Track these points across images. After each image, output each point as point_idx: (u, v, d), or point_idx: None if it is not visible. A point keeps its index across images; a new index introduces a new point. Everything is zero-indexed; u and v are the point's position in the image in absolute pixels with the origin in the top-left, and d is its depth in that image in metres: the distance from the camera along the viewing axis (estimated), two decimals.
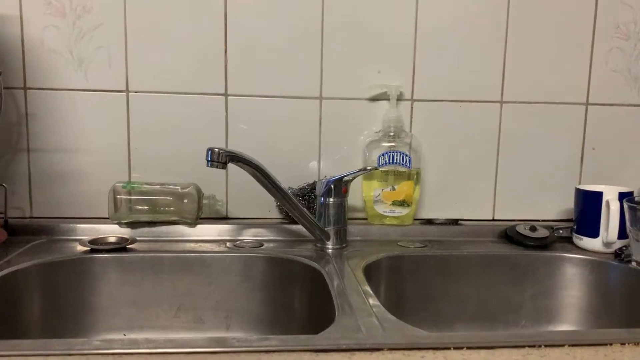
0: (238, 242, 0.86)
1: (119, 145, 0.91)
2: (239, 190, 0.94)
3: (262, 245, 0.85)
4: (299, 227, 0.88)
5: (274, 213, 0.95)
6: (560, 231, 0.93)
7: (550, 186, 1.00)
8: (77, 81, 0.89)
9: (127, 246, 0.80)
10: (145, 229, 0.86)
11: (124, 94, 0.90)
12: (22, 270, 0.71)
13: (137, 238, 0.84)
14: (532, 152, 0.98)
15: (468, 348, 0.48)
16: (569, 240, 0.92)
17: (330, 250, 0.84)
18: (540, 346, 0.48)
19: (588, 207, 0.88)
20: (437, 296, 0.85)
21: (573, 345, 0.49)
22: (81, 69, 0.88)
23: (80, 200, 0.90)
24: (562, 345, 0.49)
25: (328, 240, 0.84)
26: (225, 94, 0.91)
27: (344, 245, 0.86)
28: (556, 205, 1.00)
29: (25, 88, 0.88)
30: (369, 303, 0.61)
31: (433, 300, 0.85)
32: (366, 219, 0.95)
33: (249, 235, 0.89)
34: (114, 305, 0.78)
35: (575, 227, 0.91)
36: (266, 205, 0.94)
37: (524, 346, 0.48)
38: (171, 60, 0.90)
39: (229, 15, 0.90)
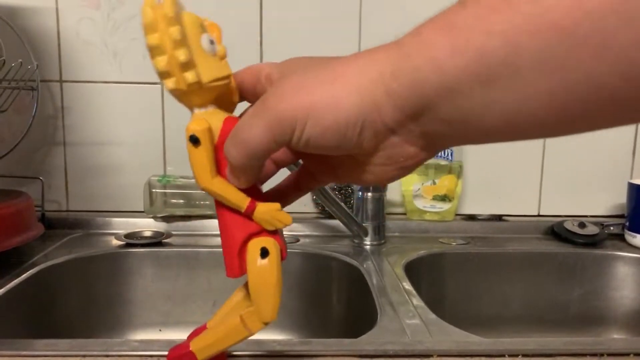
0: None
1: (154, 138, 0.90)
2: (273, 183, 0.92)
3: (298, 240, 0.83)
4: (336, 222, 0.86)
5: (309, 207, 0.93)
6: (611, 228, 0.88)
7: (600, 180, 0.95)
8: (112, 73, 0.88)
9: (163, 241, 0.79)
10: (181, 223, 0.85)
11: (159, 86, 0.88)
12: (59, 264, 0.71)
13: (173, 232, 0.83)
14: (581, 144, 0.93)
15: (524, 356, 0.45)
16: (620, 237, 0.87)
17: (368, 247, 0.81)
18: (602, 355, 0.45)
19: None
20: (480, 295, 0.81)
21: (639, 355, 0.45)
22: (116, 60, 0.87)
23: (115, 193, 0.90)
24: (627, 355, 0.45)
25: (366, 236, 0.82)
26: None
27: (382, 241, 0.83)
28: (606, 200, 0.95)
29: (61, 81, 0.87)
30: (412, 303, 0.59)
31: (476, 300, 0.81)
32: (405, 214, 0.92)
33: (284, 230, 0.87)
34: (149, 300, 0.77)
35: (627, 223, 0.86)
36: (302, 200, 0.91)
37: (584, 354, 0.45)
38: None
39: (264, 4, 0.88)
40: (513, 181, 0.94)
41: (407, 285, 0.64)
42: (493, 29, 0.22)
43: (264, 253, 0.30)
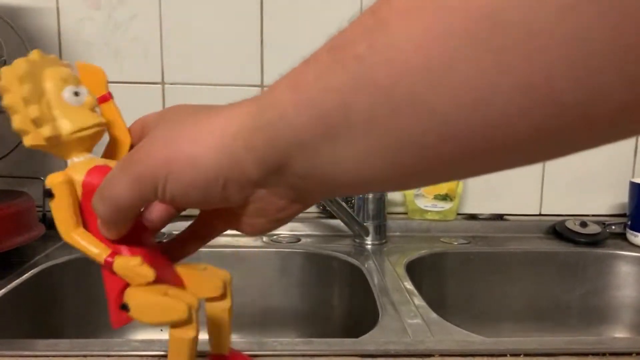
0: (275, 236, 0.84)
1: None
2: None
3: (299, 240, 0.83)
4: (337, 222, 0.85)
5: (310, 207, 0.92)
6: (613, 227, 0.88)
7: (602, 179, 0.95)
8: (113, 73, 0.88)
9: (164, 241, 0.79)
10: (181, 223, 0.85)
11: (160, 85, 0.88)
12: (60, 264, 0.71)
13: (174, 232, 0.82)
14: None
15: (526, 355, 0.44)
16: (622, 236, 0.87)
17: (369, 246, 0.81)
18: (604, 354, 0.45)
19: None
20: (481, 295, 0.81)
21: None
22: (117, 60, 0.87)
23: None
24: (629, 354, 0.45)
25: (367, 235, 0.82)
26: (262, 85, 0.89)
27: (384, 241, 0.83)
28: (608, 199, 0.95)
29: None
30: (413, 302, 0.59)
31: (477, 299, 0.81)
32: (406, 213, 0.92)
33: (285, 230, 0.87)
34: None
35: (629, 222, 0.85)
36: None
37: (586, 354, 0.45)
38: (207, 51, 0.88)
39: (265, 3, 0.87)
40: (514, 180, 0.94)
41: (409, 285, 0.64)
42: (329, 87, 0.22)
43: (124, 307, 0.30)
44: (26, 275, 0.65)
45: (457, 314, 0.78)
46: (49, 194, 0.29)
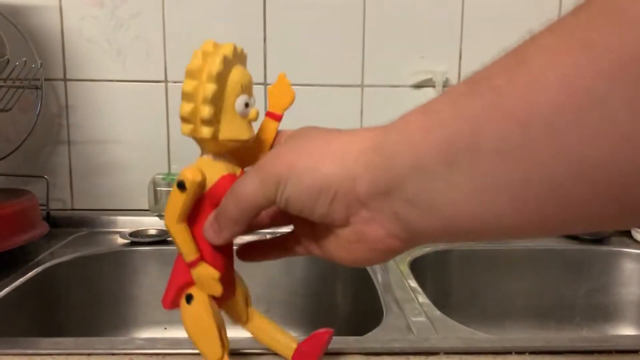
0: (278, 234, 0.84)
1: (158, 136, 0.89)
2: None
3: None
4: None
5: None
6: None
7: None
8: (116, 72, 0.88)
9: (168, 239, 0.79)
10: None
11: (163, 84, 0.88)
12: (64, 262, 0.71)
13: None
14: None
15: (531, 353, 0.44)
16: (627, 234, 0.87)
17: None
18: (610, 352, 0.45)
19: None
20: (486, 292, 0.81)
21: None
22: (119, 59, 0.87)
23: (120, 191, 0.90)
24: (636, 351, 0.45)
25: None
26: (265, 83, 0.89)
27: None
28: None
29: (65, 79, 0.87)
30: (417, 300, 0.59)
31: (481, 297, 0.81)
32: None
33: (288, 228, 0.87)
34: (154, 298, 0.77)
35: None
36: None
37: (592, 352, 0.45)
38: None
39: (267, 1, 0.87)
40: None
41: (413, 283, 0.64)
42: (461, 114, 0.23)
43: (188, 298, 0.33)
44: (30, 273, 0.65)
45: (461, 312, 0.78)
46: (181, 186, 0.30)
